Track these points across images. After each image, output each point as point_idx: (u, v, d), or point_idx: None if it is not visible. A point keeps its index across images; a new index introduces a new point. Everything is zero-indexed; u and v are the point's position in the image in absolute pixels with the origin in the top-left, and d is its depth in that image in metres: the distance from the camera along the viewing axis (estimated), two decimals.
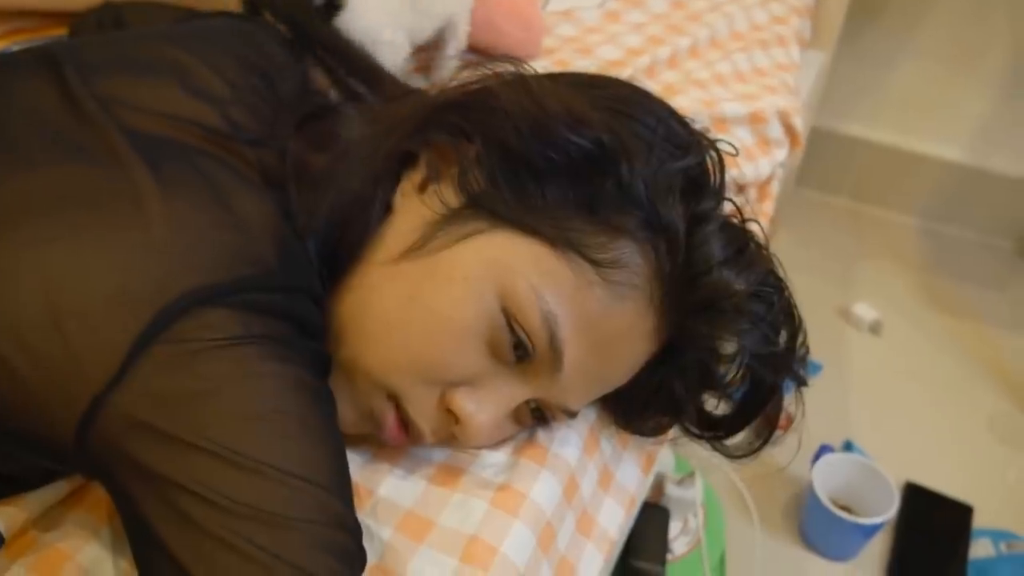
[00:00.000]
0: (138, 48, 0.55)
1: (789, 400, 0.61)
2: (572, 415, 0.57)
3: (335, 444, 0.46)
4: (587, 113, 0.52)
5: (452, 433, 0.54)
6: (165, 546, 0.40)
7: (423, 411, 0.52)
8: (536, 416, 0.57)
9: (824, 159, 1.85)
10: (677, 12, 1.15)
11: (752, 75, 1.06)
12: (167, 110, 0.49)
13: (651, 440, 0.67)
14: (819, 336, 0.59)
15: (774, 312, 0.55)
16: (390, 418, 0.52)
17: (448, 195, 0.52)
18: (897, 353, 1.58)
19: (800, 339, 0.57)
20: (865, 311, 1.62)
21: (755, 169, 0.93)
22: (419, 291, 0.51)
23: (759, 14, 1.18)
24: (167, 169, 0.45)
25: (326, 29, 0.68)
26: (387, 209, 0.54)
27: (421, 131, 0.54)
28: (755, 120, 0.95)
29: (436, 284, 0.50)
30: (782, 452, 0.62)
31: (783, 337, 0.56)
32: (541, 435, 0.59)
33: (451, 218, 0.51)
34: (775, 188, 0.98)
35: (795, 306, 0.57)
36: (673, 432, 0.65)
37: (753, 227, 0.59)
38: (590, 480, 0.61)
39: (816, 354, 0.60)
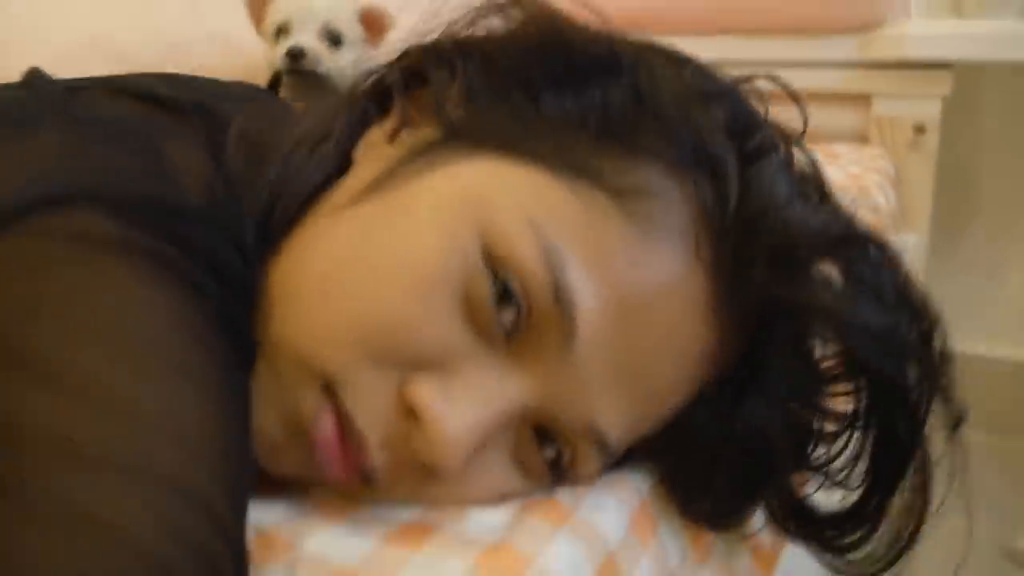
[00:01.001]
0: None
1: None
2: (607, 450, 0.40)
3: (226, 415, 0.33)
4: (600, 31, 0.42)
5: (417, 462, 0.37)
6: None
7: (369, 405, 0.37)
8: (552, 463, 0.40)
9: None
10: None
11: None
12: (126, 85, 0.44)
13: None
14: None
15: (880, 271, 0.39)
16: (323, 419, 0.37)
17: (424, 134, 0.41)
18: None
19: (930, 324, 0.40)
20: None
21: None
22: (368, 230, 0.38)
23: (835, 172, 1.11)
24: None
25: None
26: (347, 163, 0.43)
27: (398, 62, 0.44)
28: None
29: (391, 219, 0.38)
30: None
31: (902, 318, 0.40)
32: (562, 494, 0.41)
33: (423, 151, 0.40)
34: None
35: (910, 275, 0.41)
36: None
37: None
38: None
39: None
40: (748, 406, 0.41)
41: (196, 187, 0.38)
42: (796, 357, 0.41)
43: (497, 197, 0.37)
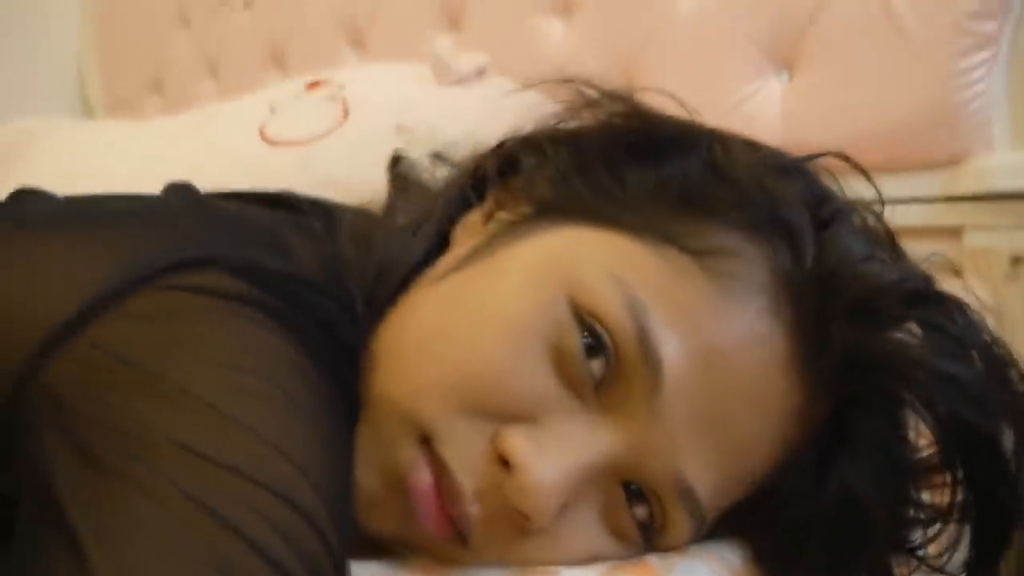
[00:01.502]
0: None
1: None
2: (695, 507, 0.40)
3: (332, 450, 0.37)
4: (679, 117, 0.47)
5: (509, 516, 0.39)
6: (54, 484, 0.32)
7: (464, 454, 0.39)
8: (643, 524, 0.41)
9: None
10: None
11: None
12: None
13: None
14: None
15: (962, 327, 0.40)
16: (420, 469, 0.39)
17: (517, 213, 0.46)
18: None
19: (1019, 380, 0.41)
20: None
21: None
22: (463, 293, 0.42)
23: None
24: None
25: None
26: (445, 243, 0.47)
27: (494, 151, 0.49)
28: None
29: (484, 281, 0.42)
30: None
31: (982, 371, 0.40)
32: (653, 559, 0.42)
33: (515, 224, 0.44)
34: None
35: (994, 334, 0.42)
36: None
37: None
38: None
39: None
40: (838, 472, 0.42)
41: (312, 265, 0.43)
42: (885, 419, 0.42)
43: (583, 257, 0.41)
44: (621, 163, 0.44)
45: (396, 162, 0.73)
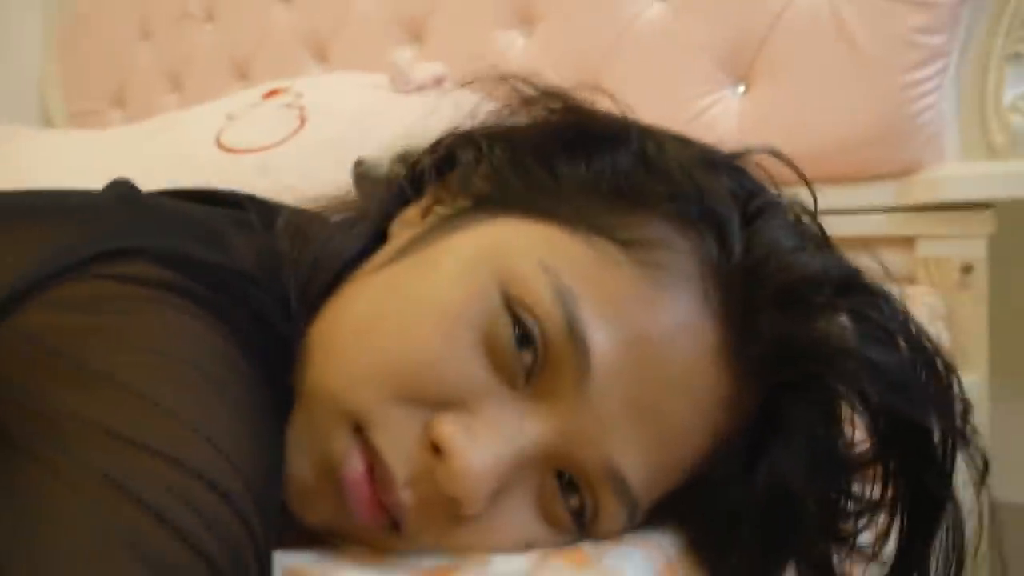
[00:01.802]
0: None
1: None
2: (628, 497, 0.41)
3: (258, 437, 0.36)
4: (613, 113, 0.47)
5: (442, 503, 0.39)
6: None
7: (396, 442, 0.39)
8: (576, 513, 0.41)
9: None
10: None
11: None
12: None
13: None
14: None
15: (888, 316, 0.41)
16: (353, 457, 0.39)
17: (454, 207, 0.46)
18: None
19: (945, 368, 0.41)
20: None
21: None
22: (398, 283, 0.42)
23: None
24: None
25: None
26: (383, 238, 0.47)
27: (431, 148, 0.49)
28: None
29: (419, 272, 0.42)
30: None
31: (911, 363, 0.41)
32: (587, 545, 0.42)
33: (451, 218, 0.45)
34: None
35: (920, 323, 0.42)
36: None
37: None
38: None
39: None
40: (769, 460, 0.42)
41: (247, 258, 0.43)
42: (815, 407, 0.42)
43: (515, 248, 0.41)
44: (554, 157, 0.45)
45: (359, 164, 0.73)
